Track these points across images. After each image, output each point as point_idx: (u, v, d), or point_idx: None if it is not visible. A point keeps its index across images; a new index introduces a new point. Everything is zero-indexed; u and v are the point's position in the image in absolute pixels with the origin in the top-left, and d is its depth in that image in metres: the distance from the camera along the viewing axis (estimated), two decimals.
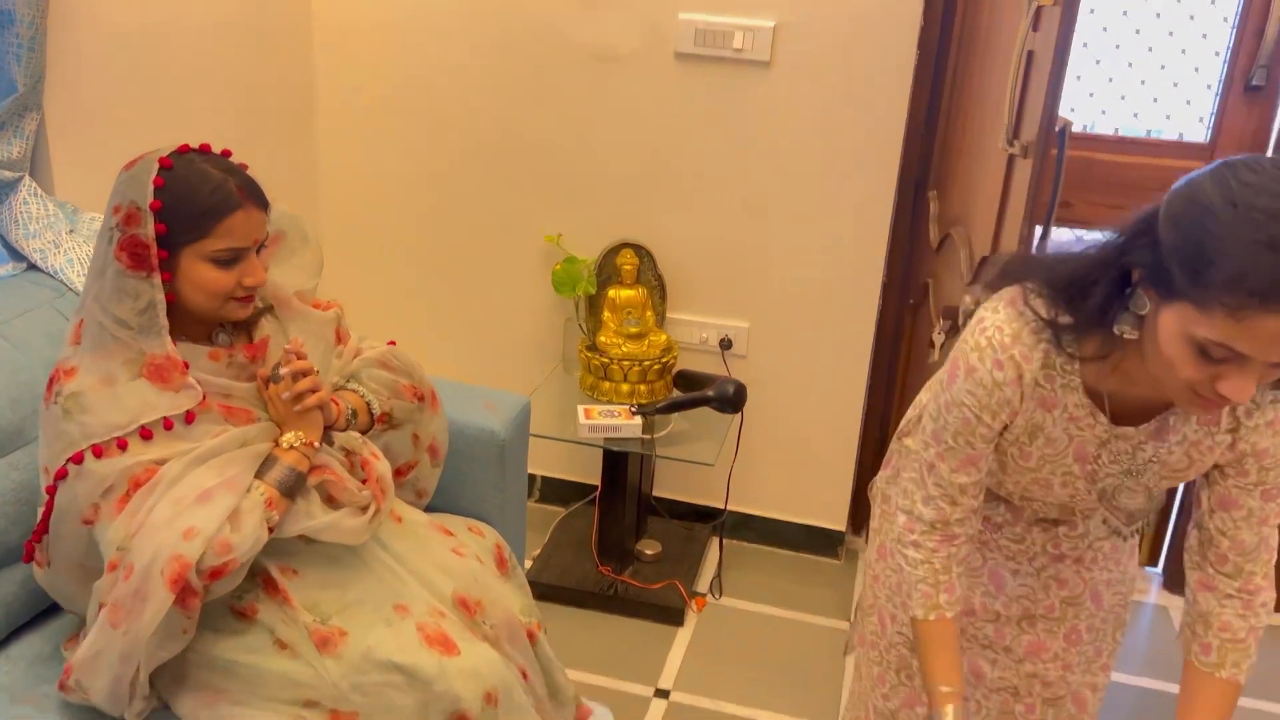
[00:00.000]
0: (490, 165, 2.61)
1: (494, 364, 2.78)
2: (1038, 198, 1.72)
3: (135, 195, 1.33)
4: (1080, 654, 1.44)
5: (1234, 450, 1.21)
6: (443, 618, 1.49)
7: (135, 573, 1.28)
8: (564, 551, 2.66)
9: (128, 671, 1.33)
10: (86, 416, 1.32)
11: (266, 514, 1.37)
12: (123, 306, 1.34)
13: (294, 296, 1.59)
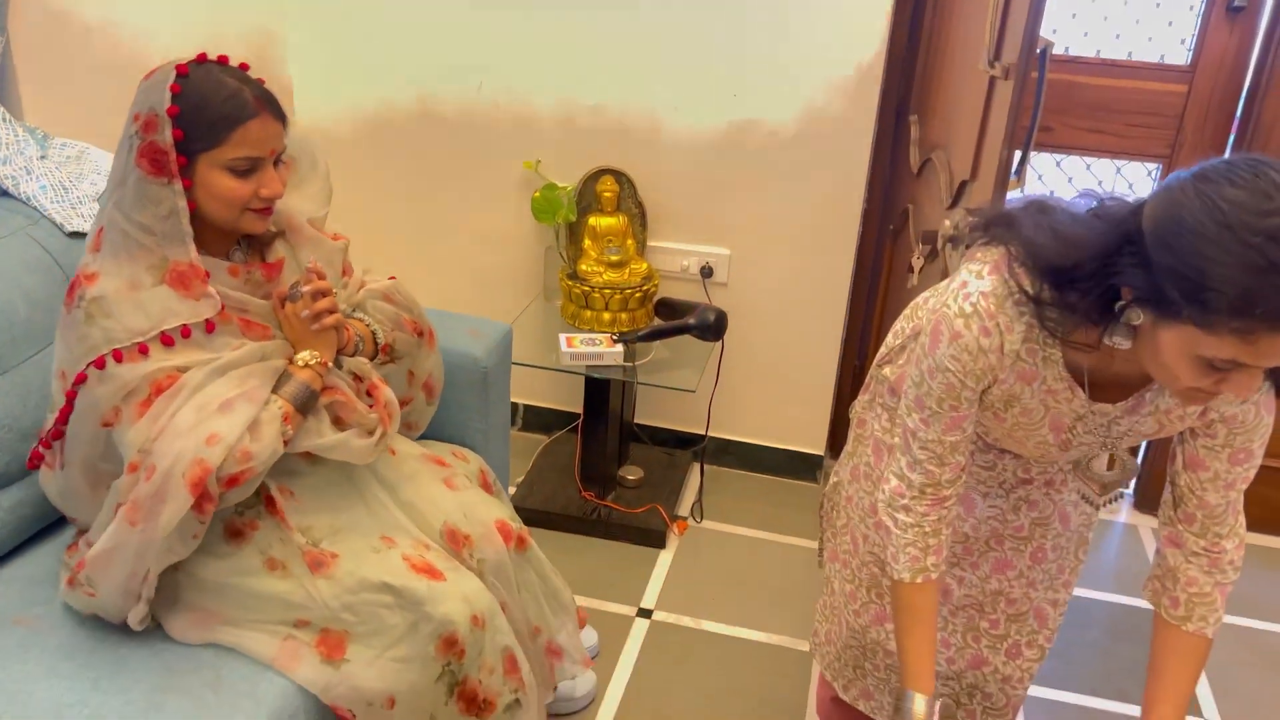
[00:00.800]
0: (467, 90, 2.58)
1: (475, 293, 2.78)
2: (1018, 121, 1.72)
3: (153, 102, 1.33)
4: (1044, 572, 1.47)
5: (1203, 418, 1.22)
6: (428, 550, 1.53)
7: (157, 474, 1.31)
8: (548, 478, 2.69)
9: (141, 569, 1.36)
10: (109, 321, 1.33)
11: (282, 428, 1.40)
12: (145, 213, 1.35)
13: (306, 223, 1.59)
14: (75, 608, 1.46)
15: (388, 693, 1.42)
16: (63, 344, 1.39)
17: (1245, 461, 1.21)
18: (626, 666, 2.13)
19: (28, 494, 1.57)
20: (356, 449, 1.50)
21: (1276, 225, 0.92)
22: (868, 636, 1.61)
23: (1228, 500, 1.24)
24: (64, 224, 1.70)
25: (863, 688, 1.67)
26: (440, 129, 2.63)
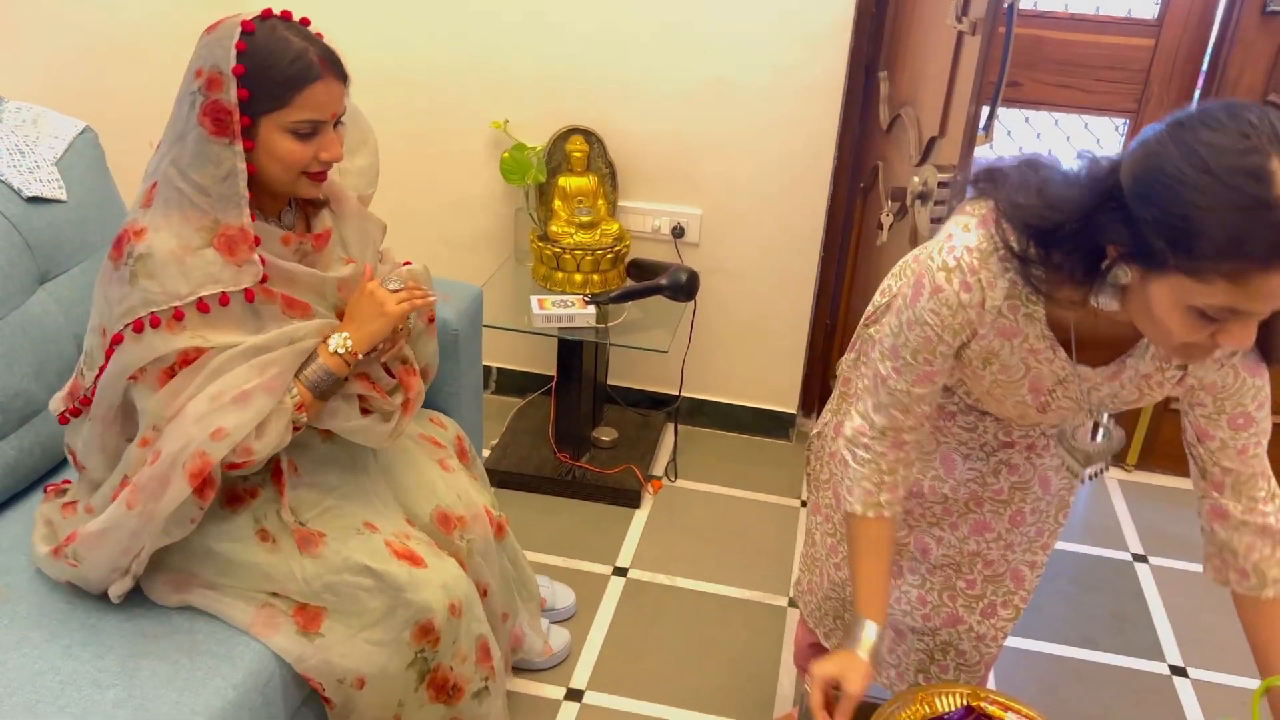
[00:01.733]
0: (434, 49, 2.54)
1: (445, 256, 2.76)
2: (986, 76, 1.72)
3: (218, 59, 1.29)
4: (1023, 535, 1.48)
5: (1182, 385, 1.21)
6: (409, 539, 1.53)
7: (162, 459, 1.31)
8: (522, 440, 2.69)
9: (133, 548, 1.36)
10: (150, 282, 1.30)
11: (295, 416, 1.39)
12: (204, 173, 1.31)
13: (353, 197, 1.57)
14: (49, 574, 1.45)
15: (359, 672, 1.43)
16: (103, 299, 1.36)
17: (1246, 426, 1.19)
18: (603, 625, 2.15)
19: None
20: (377, 434, 1.50)
21: (1257, 163, 0.91)
22: (848, 590, 1.63)
23: (1249, 467, 1.21)
24: (22, 189, 1.66)
25: (842, 637, 1.70)
26: (407, 89, 2.59)
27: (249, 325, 1.38)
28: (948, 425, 1.44)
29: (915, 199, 1.90)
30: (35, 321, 1.62)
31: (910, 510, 1.51)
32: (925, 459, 1.46)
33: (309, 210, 1.51)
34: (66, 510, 1.48)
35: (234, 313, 1.35)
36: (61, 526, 1.46)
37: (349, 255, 1.54)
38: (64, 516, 1.48)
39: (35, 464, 1.63)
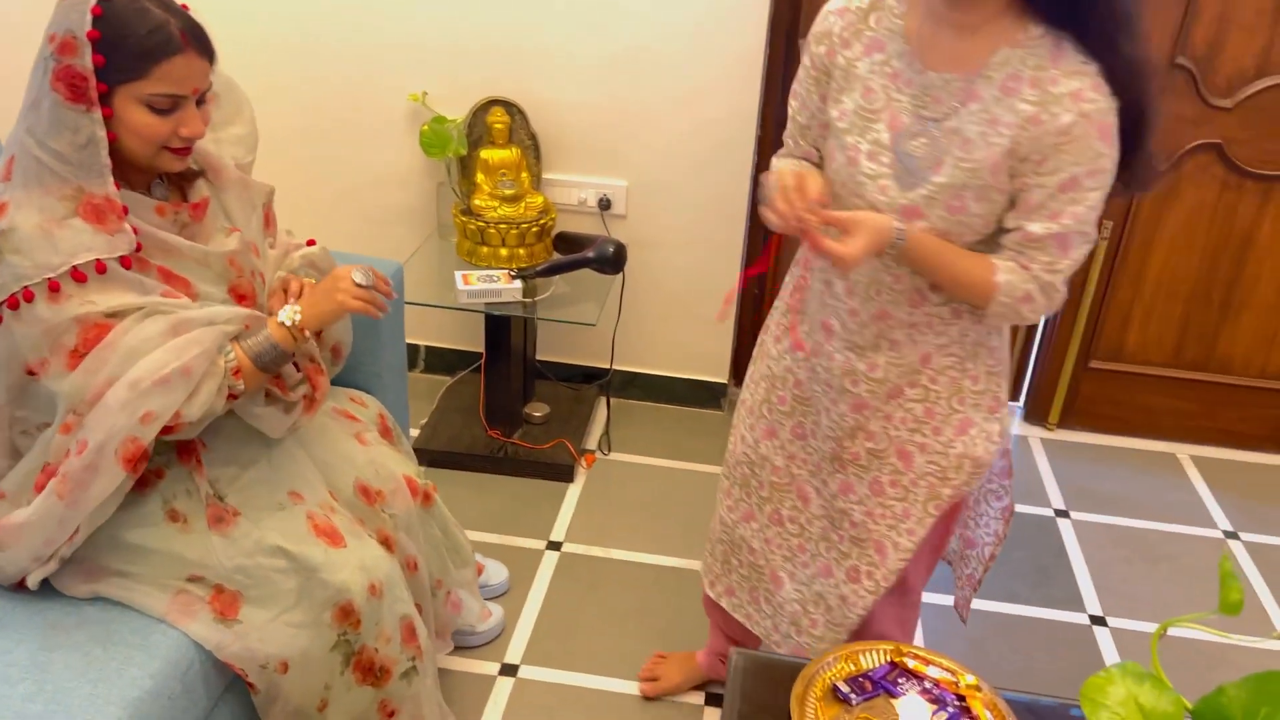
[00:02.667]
0: (350, 21, 2.48)
1: (366, 233, 2.71)
2: None
3: (72, 24, 1.23)
4: (884, 507, 1.49)
5: (1031, 129, 1.21)
6: (333, 512, 1.51)
7: (89, 449, 1.28)
8: (452, 418, 2.67)
9: (58, 538, 1.33)
10: (17, 257, 1.25)
11: (231, 381, 1.36)
12: (61, 140, 1.26)
13: (231, 165, 1.52)
14: None
15: (280, 657, 1.41)
16: None
17: (1071, 189, 1.22)
18: (536, 599, 2.15)
19: None
20: (275, 423, 1.47)
21: None
22: (736, 533, 1.69)
23: (1050, 230, 1.25)
24: None
25: (727, 584, 1.75)
26: (319, 63, 2.52)
27: (136, 291, 1.33)
28: (832, 304, 1.46)
29: None
30: None
31: (793, 455, 1.59)
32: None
33: (183, 182, 1.46)
34: None
35: (115, 279, 1.31)
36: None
37: (233, 224, 1.49)
38: None
39: None
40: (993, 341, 1.43)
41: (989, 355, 1.43)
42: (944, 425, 1.44)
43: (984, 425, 1.44)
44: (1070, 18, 1.19)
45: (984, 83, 1.24)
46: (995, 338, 1.44)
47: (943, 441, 1.44)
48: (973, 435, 1.43)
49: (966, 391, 1.43)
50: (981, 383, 1.43)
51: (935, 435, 1.44)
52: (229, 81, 1.55)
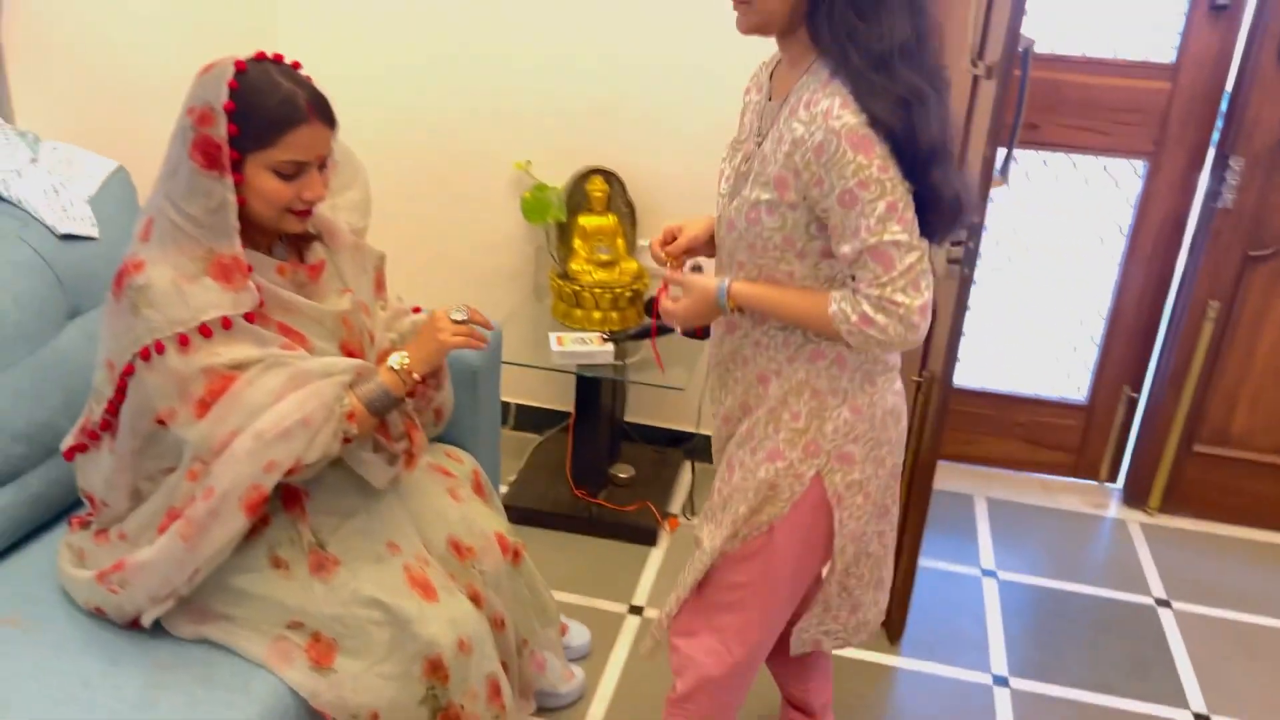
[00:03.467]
0: (458, 92, 2.59)
1: (466, 293, 2.79)
2: (1001, 119, 1.74)
3: (210, 96, 1.34)
4: (714, 508, 1.50)
5: (799, 148, 1.25)
6: (427, 565, 1.55)
7: (215, 496, 1.35)
8: (539, 476, 2.70)
9: (178, 578, 1.40)
10: (151, 310, 1.34)
11: (345, 426, 1.42)
12: (195, 205, 1.35)
13: (346, 229, 1.61)
14: (78, 598, 1.48)
15: (371, 707, 1.44)
16: (109, 333, 1.41)
17: (852, 204, 1.23)
18: (617, 664, 2.15)
19: (20, 495, 1.59)
20: (380, 473, 1.53)
21: None
22: None
23: (856, 248, 1.25)
24: (55, 226, 1.71)
25: None
26: (430, 132, 2.64)
27: (257, 344, 1.40)
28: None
29: None
30: (64, 356, 1.65)
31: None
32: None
33: (301, 244, 1.55)
34: (100, 538, 1.51)
35: (239, 333, 1.38)
36: (96, 554, 1.49)
37: (346, 285, 1.57)
38: (97, 544, 1.50)
39: (60, 495, 1.66)
40: (820, 384, 1.40)
41: (813, 397, 1.41)
42: (759, 448, 1.44)
43: (796, 464, 1.42)
44: (829, 50, 1.25)
45: (786, 107, 1.31)
46: (825, 382, 1.40)
47: (755, 461, 1.44)
48: (779, 466, 1.42)
49: (784, 424, 1.43)
50: (802, 421, 1.42)
51: (751, 455, 1.45)
52: (346, 150, 1.64)
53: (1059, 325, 2.84)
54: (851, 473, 1.44)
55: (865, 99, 1.21)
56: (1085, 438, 2.88)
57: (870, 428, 1.43)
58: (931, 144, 1.23)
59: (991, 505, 2.81)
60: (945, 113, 1.27)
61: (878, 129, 1.21)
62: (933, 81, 1.25)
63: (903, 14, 1.23)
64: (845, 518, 1.46)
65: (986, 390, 2.89)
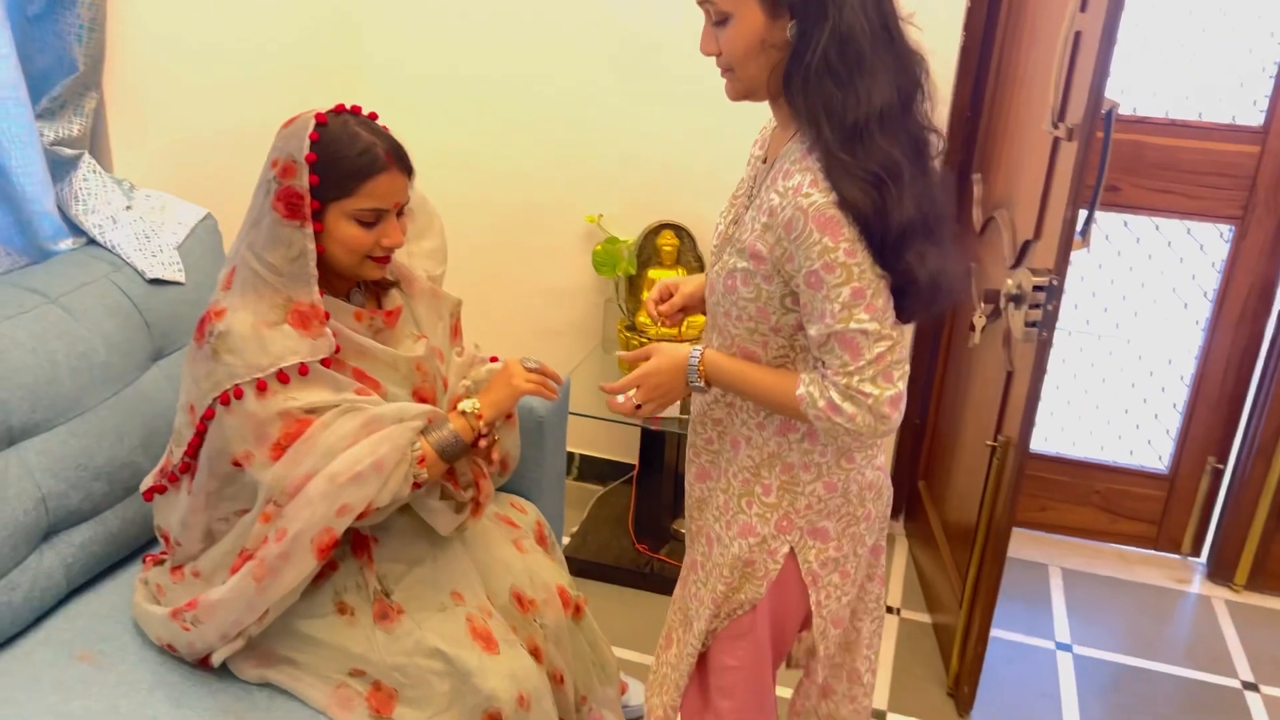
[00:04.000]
0: (534, 147, 2.63)
1: (535, 343, 2.81)
2: (1082, 181, 1.71)
3: (292, 149, 1.38)
4: (695, 584, 1.48)
5: (771, 221, 1.22)
6: (490, 616, 1.55)
7: (287, 538, 1.37)
8: (601, 529, 2.69)
9: (249, 618, 1.42)
10: (232, 357, 1.38)
11: (415, 470, 1.43)
12: (276, 253, 1.39)
13: (424, 277, 1.64)
14: (151, 634, 1.50)
15: None
16: (190, 378, 1.44)
17: (818, 286, 1.19)
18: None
19: (98, 532, 1.62)
20: (445, 521, 1.54)
21: None
22: None
23: (822, 332, 1.21)
24: (145, 271, 1.77)
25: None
26: (507, 183, 2.68)
27: (332, 389, 1.43)
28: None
29: (1009, 302, 1.88)
30: (146, 397, 1.70)
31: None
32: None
33: (378, 290, 1.58)
34: (175, 575, 1.53)
35: (315, 378, 1.41)
36: (172, 590, 1.52)
37: (421, 331, 1.59)
38: (173, 580, 1.53)
39: (136, 534, 1.70)
40: (791, 458, 1.36)
41: (785, 472, 1.36)
42: (733, 521, 1.41)
43: (769, 540, 1.38)
44: (805, 120, 1.20)
45: (770, 172, 1.29)
46: (798, 455, 1.35)
47: (729, 536, 1.41)
48: (751, 542, 1.39)
49: (756, 498, 1.39)
50: (773, 496, 1.37)
51: (726, 529, 1.41)
52: (422, 199, 1.68)
53: (1140, 391, 2.75)
54: (826, 549, 1.39)
55: (835, 177, 1.15)
56: (1167, 508, 2.77)
57: (845, 503, 1.39)
58: (904, 224, 1.16)
59: (1067, 575, 2.72)
60: (927, 183, 1.21)
61: (846, 210, 1.15)
62: (916, 146, 1.21)
63: (884, 76, 1.17)
64: (823, 598, 1.41)
65: (1062, 456, 2.81)
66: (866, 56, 1.16)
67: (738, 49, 1.21)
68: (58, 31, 1.68)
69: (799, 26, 1.17)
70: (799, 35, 1.17)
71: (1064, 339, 2.74)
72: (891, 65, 1.18)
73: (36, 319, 1.57)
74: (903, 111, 1.20)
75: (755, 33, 1.19)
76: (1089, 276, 2.68)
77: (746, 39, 1.20)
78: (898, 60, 1.20)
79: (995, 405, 2.07)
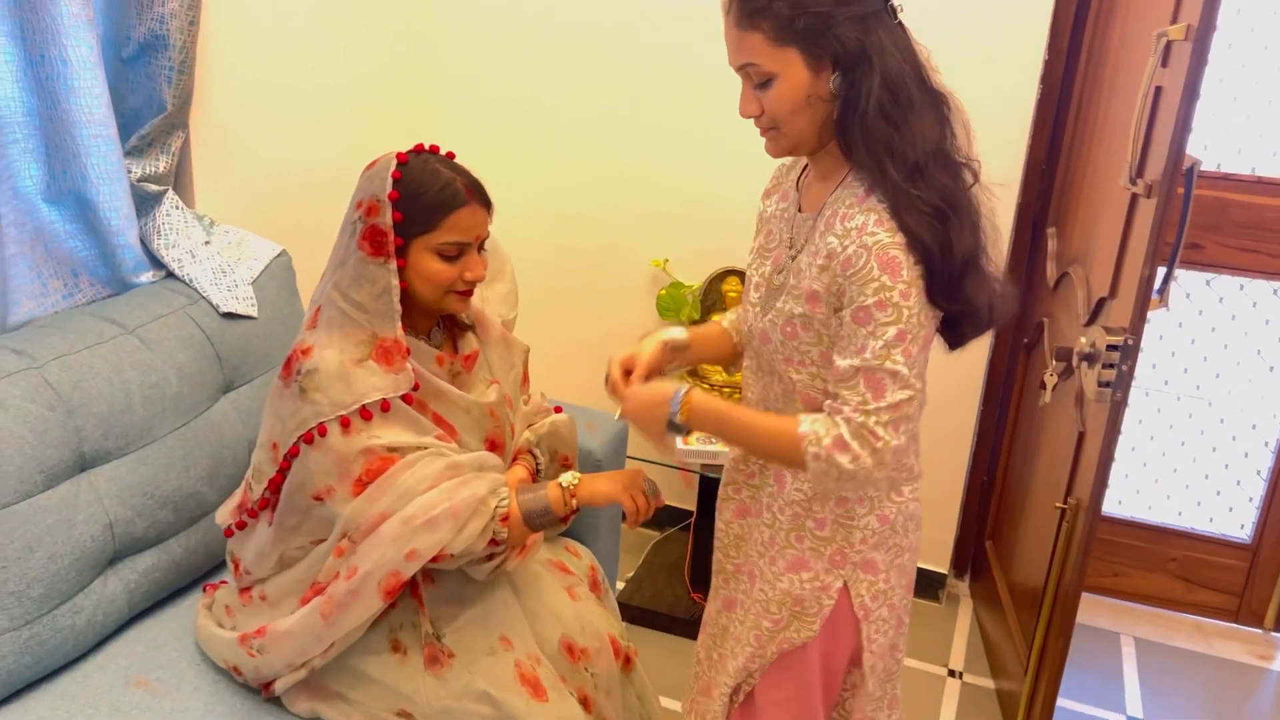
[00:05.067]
0: (601, 191, 2.66)
1: (595, 385, 2.80)
2: (1161, 238, 1.66)
3: (375, 189, 1.42)
4: (735, 624, 1.47)
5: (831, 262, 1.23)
6: (539, 663, 1.54)
7: (356, 576, 1.38)
8: (656, 576, 2.66)
9: (314, 650, 1.43)
10: (319, 395, 1.40)
11: (496, 528, 1.43)
12: (361, 291, 1.42)
13: (497, 321, 1.67)
14: (214, 656, 1.52)
15: None
16: (274, 415, 1.47)
17: (865, 322, 1.20)
18: None
19: (161, 559, 1.65)
20: (477, 570, 1.53)
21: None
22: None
23: (853, 364, 1.21)
24: (219, 305, 1.81)
25: None
26: (573, 226, 2.71)
27: (414, 429, 1.44)
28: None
29: (1082, 360, 1.82)
30: (215, 428, 1.73)
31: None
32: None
33: (455, 333, 1.59)
34: (244, 596, 1.55)
35: (397, 415, 1.42)
36: (241, 614, 1.54)
37: (493, 376, 1.60)
38: (242, 603, 1.55)
39: (199, 562, 1.73)
40: (846, 490, 1.34)
41: (839, 506, 1.36)
42: (779, 556, 1.39)
43: (821, 574, 1.37)
44: (865, 165, 1.23)
45: (820, 220, 1.29)
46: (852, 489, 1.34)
47: (775, 571, 1.39)
48: (804, 578, 1.38)
49: (808, 532, 1.37)
50: (827, 530, 1.36)
51: (771, 564, 1.40)
52: (494, 243, 1.70)
53: (1221, 455, 2.64)
54: (876, 582, 1.38)
55: (903, 215, 1.19)
56: (1249, 580, 2.65)
57: (893, 534, 1.38)
58: (965, 256, 1.21)
59: (1140, 646, 2.60)
60: (975, 211, 1.25)
61: (913, 249, 1.18)
62: (963, 176, 1.25)
63: (930, 114, 1.22)
64: (873, 632, 1.40)
65: (1137, 520, 2.70)
66: (915, 98, 1.21)
67: (784, 107, 1.24)
68: (149, 73, 1.75)
69: (845, 77, 1.20)
70: (848, 85, 1.20)
71: (1141, 399, 2.65)
72: (931, 106, 1.23)
73: (114, 349, 1.62)
74: (949, 145, 1.24)
75: (801, 89, 1.22)
76: (1168, 335, 2.60)
77: (794, 96, 1.22)
78: (933, 100, 1.24)
79: (1066, 466, 2.00)
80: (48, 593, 1.46)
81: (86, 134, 1.65)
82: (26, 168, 1.66)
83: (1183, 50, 1.58)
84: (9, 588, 1.41)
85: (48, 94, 1.62)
